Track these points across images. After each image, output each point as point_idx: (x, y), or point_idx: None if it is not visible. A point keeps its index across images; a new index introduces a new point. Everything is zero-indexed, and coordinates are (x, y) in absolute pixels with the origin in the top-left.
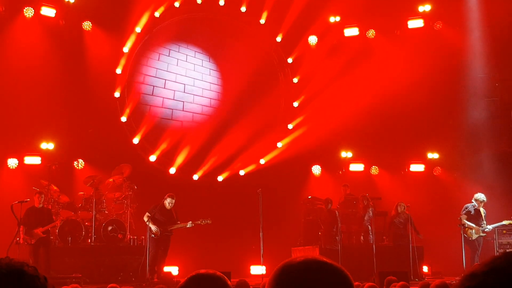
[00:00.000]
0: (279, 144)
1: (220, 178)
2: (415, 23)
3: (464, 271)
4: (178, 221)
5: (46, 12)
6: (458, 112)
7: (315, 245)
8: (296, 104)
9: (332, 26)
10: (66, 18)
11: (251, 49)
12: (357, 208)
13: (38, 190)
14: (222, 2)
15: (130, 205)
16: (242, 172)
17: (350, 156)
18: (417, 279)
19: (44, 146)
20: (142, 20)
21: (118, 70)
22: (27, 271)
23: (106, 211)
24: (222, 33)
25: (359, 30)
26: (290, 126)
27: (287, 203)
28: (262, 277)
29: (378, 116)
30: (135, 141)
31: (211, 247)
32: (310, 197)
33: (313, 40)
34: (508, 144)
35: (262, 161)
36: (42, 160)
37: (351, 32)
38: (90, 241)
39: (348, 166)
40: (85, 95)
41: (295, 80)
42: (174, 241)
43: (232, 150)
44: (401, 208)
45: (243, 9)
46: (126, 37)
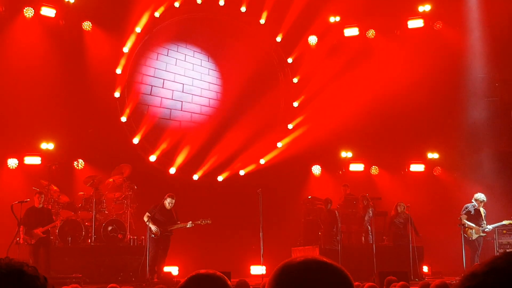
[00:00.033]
0: (279, 144)
1: (220, 178)
2: (415, 23)
3: (464, 271)
4: (178, 221)
5: (46, 12)
6: (458, 112)
7: (315, 245)
8: (296, 104)
9: (332, 26)
10: (66, 18)
11: (251, 49)
12: (357, 208)
13: (38, 190)
14: (222, 2)
15: (130, 205)
16: (242, 172)
17: (350, 156)
18: (417, 279)
19: (44, 146)
20: (142, 20)
21: (118, 70)
22: (27, 271)
23: (106, 211)
24: (222, 33)
25: (359, 30)
26: (290, 126)
27: (287, 203)
28: (262, 277)
29: (378, 116)
30: (135, 141)
31: (211, 247)
32: (310, 197)
33: (313, 40)
34: (508, 144)
35: (262, 161)
36: (42, 160)
37: (351, 32)
38: (90, 241)
39: (348, 166)
40: (85, 95)
41: (295, 80)
42: (174, 241)
43: (232, 150)
44: (401, 208)
45: (243, 9)
46: (126, 37)
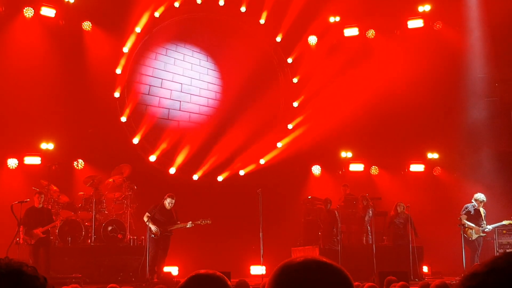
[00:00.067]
0: (279, 144)
1: (220, 178)
2: (415, 23)
3: (464, 271)
4: (178, 221)
5: (46, 12)
6: (458, 112)
7: (315, 245)
8: (296, 104)
9: (332, 26)
10: (66, 18)
11: (251, 49)
12: (356, 208)
13: (38, 190)
14: (222, 2)
15: (130, 205)
16: (242, 172)
17: (350, 156)
18: (417, 279)
19: (44, 146)
20: (142, 20)
21: (118, 70)
22: (27, 271)
23: (106, 211)
24: (222, 33)
25: (359, 30)
26: (290, 126)
27: (287, 203)
28: (262, 277)
29: (378, 116)
30: (135, 141)
31: (211, 247)
32: (310, 197)
33: (313, 40)
34: (508, 144)
35: (262, 161)
36: (42, 160)
37: (351, 32)
38: (90, 241)
39: (348, 166)
40: (85, 95)
41: (295, 80)
42: (174, 241)
43: (232, 150)
44: (400, 208)
45: (243, 9)
46: (126, 37)
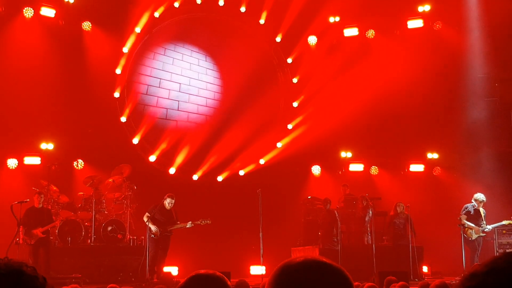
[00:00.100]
0: (279, 144)
1: (219, 178)
2: (415, 23)
3: (464, 271)
4: (178, 221)
5: (46, 12)
6: (458, 112)
7: (315, 245)
8: (295, 104)
9: (331, 26)
10: (66, 18)
11: (251, 49)
12: (356, 208)
13: (37, 190)
14: (221, 2)
15: (129, 205)
16: (241, 172)
17: (349, 156)
18: (417, 279)
19: (43, 146)
20: (142, 20)
21: (118, 70)
22: (26, 271)
23: (105, 211)
24: (222, 33)
25: (359, 30)
26: (290, 126)
27: (287, 203)
28: (262, 277)
29: (378, 116)
30: (135, 141)
31: (211, 247)
32: (310, 197)
33: (312, 40)
34: (507, 144)
35: (262, 161)
36: (41, 160)
37: (351, 32)
38: (89, 241)
39: (347, 166)
40: (85, 95)
41: (295, 80)
42: (174, 241)
43: (231, 150)
44: (400, 208)
45: (243, 9)
46: (126, 37)
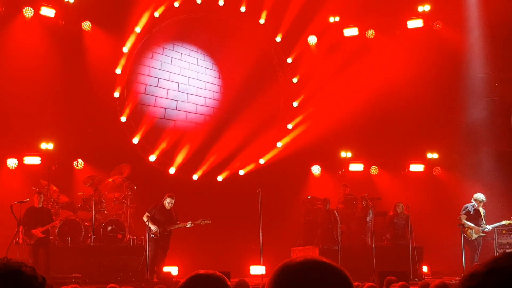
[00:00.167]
0: (279, 144)
1: (219, 178)
2: (415, 23)
3: (463, 271)
4: (178, 221)
5: (46, 12)
6: (457, 112)
7: (315, 245)
8: (295, 104)
9: (331, 26)
10: (66, 18)
11: (251, 49)
12: (356, 208)
13: (37, 190)
14: (221, 2)
15: (129, 205)
16: (241, 172)
17: (349, 156)
18: (416, 279)
19: (43, 146)
20: (142, 20)
21: (118, 70)
22: (25, 271)
23: (105, 211)
24: (222, 33)
25: (359, 30)
26: (290, 126)
27: (287, 203)
28: (261, 277)
29: (378, 116)
30: (135, 141)
31: (211, 247)
32: (310, 197)
33: (312, 40)
34: (507, 144)
35: (262, 161)
36: (41, 160)
37: (351, 32)
38: (89, 241)
39: (347, 166)
40: (85, 95)
41: (295, 80)
42: (174, 241)
43: (231, 150)
44: (400, 208)
45: (243, 9)
46: (126, 37)
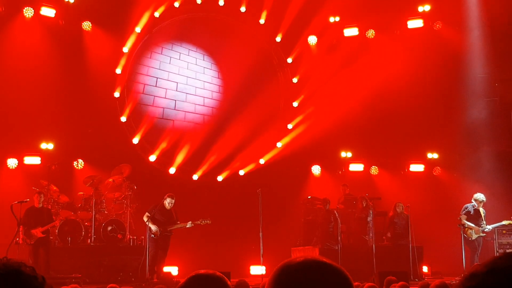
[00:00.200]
0: (279, 144)
1: (219, 178)
2: (415, 23)
3: (464, 271)
4: (178, 221)
5: (46, 12)
6: (457, 112)
7: (314, 245)
8: (295, 104)
9: (331, 26)
10: (66, 18)
11: (251, 49)
12: (356, 208)
13: (37, 190)
14: (221, 2)
15: (129, 205)
16: (241, 172)
17: (349, 156)
18: (417, 279)
19: (43, 146)
20: (142, 20)
21: (118, 70)
22: (25, 271)
23: (105, 211)
24: (222, 33)
25: (359, 30)
26: (290, 126)
27: (287, 203)
28: (262, 277)
29: (378, 116)
30: (135, 141)
31: (211, 247)
32: (310, 197)
33: (312, 40)
34: (507, 144)
35: (262, 161)
36: (41, 160)
37: (351, 32)
38: (89, 241)
39: (347, 166)
40: (85, 95)
41: (295, 80)
42: (174, 241)
43: (231, 149)
44: (399, 208)
45: (243, 9)
46: (126, 37)
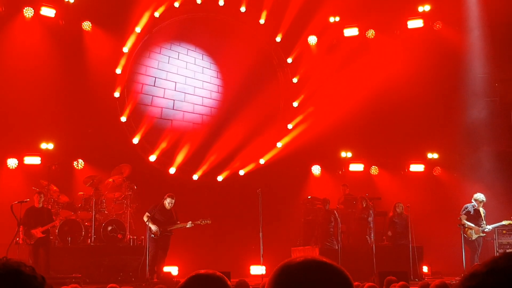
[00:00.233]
0: (279, 144)
1: (219, 178)
2: (415, 23)
3: (464, 271)
4: (178, 221)
5: (46, 12)
6: (457, 112)
7: (315, 245)
8: (295, 104)
9: (331, 26)
10: (66, 18)
11: (251, 49)
12: (356, 208)
13: (37, 190)
14: (221, 2)
15: (129, 205)
16: (241, 172)
17: (349, 156)
18: (417, 279)
19: (44, 146)
20: (142, 20)
21: (118, 70)
22: (24, 271)
23: (105, 211)
24: (222, 33)
25: (359, 30)
26: (290, 126)
27: (287, 203)
28: (262, 277)
29: (378, 116)
30: (135, 141)
31: (211, 247)
32: (310, 197)
33: (312, 40)
34: (507, 144)
35: (262, 161)
36: (42, 160)
37: (351, 32)
38: (89, 241)
39: (348, 166)
40: (85, 95)
41: (295, 80)
42: (174, 241)
43: (231, 149)
44: (399, 208)
45: (243, 9)
46: (126, 37)
